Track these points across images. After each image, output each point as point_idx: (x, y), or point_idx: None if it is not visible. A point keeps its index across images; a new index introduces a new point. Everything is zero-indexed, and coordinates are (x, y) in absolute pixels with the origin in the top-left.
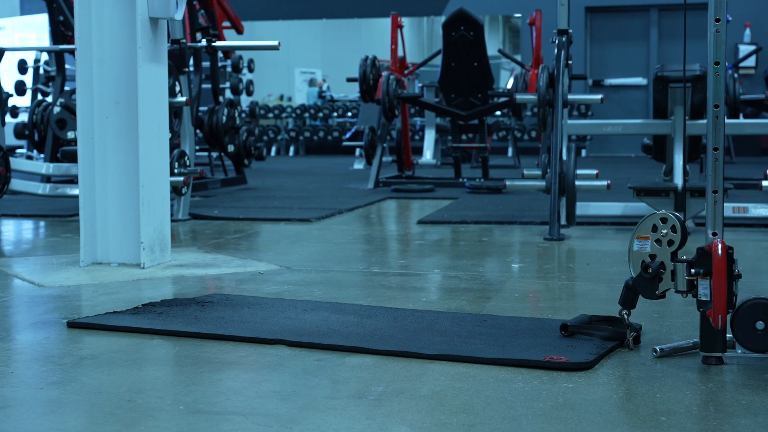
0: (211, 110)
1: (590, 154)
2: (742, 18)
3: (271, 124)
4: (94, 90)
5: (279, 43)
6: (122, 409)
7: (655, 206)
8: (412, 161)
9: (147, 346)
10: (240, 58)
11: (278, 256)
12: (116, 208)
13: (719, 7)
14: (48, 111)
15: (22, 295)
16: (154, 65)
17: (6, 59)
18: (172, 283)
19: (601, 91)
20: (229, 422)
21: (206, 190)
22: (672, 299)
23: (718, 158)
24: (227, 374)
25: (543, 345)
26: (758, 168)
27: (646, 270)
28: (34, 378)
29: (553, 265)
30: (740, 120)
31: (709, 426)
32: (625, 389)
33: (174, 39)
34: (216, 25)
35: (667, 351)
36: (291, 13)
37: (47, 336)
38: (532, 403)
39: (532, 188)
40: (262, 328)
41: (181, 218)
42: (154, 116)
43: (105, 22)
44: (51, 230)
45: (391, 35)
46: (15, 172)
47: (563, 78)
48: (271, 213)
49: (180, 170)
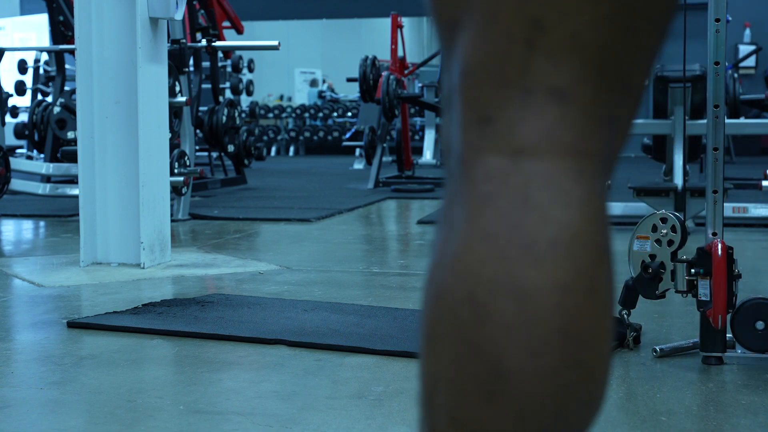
0: (211, 110)
1: None
2: (742, 18)
3: (271, 124)
4: (94, 90)
5: (279, 43)
6: (122, 409)
7: (655, 206)
8: (412, 161)
9: (147, 346)
10: (240, 58)
11: (278, 256)
12: (116, 208)
13: (719, 7)
14: (48, 111)
15: (22, 295)
16: (154, 65)
17: (6, 59)
18: (172, 283)
19: None
20: (229, 422)
21: (206, 190)
22: (672, 299)
23: (718, 158)
24: (227, 374)
25: None
26: (758, 168)
27: (646, 270)
28: (34, 378)
29: None
30: (740, 120)
31: (709, 426)
32: (625, 389)
33: (174, 39)
34: (216, 25)
35: (667, 351)
36: (291, 13)
37: (47, 336)
38: None
39: None
40: (262, 328)
41: (181, 218)
42: (154, 116)
43: (105, 22)
44: (51, 230)
45: (391, 35)
46: (15, 172)
47: None
48: (271, 213)
49: (180, 170)
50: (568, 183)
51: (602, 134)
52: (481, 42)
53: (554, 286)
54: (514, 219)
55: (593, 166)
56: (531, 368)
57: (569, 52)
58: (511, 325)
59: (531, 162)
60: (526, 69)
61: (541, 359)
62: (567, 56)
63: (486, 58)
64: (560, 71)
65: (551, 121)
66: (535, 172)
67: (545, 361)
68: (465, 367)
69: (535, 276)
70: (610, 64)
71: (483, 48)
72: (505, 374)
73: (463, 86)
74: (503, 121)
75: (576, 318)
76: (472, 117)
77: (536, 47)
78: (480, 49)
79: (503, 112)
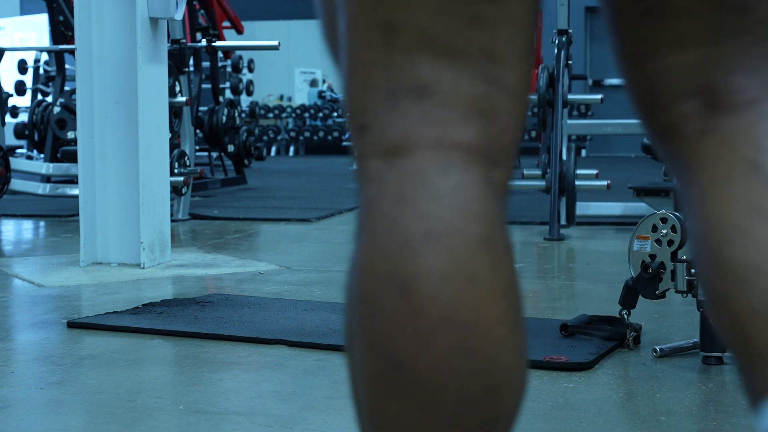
0: (211, 110)
1: (590, 154)
2: None
3: (271, 124)
4: (94, 90)
5: (279, 43)
6: (122, 409)
7: (655, 206)
8: None
9: (147, 346)
10: (240, 58)
11: (278, 256)
12: (116, 208)
13: None
14: (48, 111)
15: (22, 295)
16: (154, 65)
17: (6, 59)
18: (172, 283)
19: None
20: (229, 422)
21: (206, 190)
22: (672, 299)
23: None
24: (227, 374)
25: (543, 345)
26: None
27: (646, 270)
28: (34, 378)
29: (553, 265)
30: None
31: (709, 426)
32: (625, 389)
33: (174, 39)
34: (216, 25)
35: (667, 351)
36: (291, 13)
37: (47, 336)
38: (532, 403)
39: (532, 188)
40: (262, 328)
41: (181, 218)
42: (154, 116)
43: (105, 22)
44: (51, 230)
45: None
46: (15, 172)
47: (563, 78)
48: (271, 213)
49: (180, 170)
50: (435, 177)
51: (471, 126)
52: (349, 55)
53: (431, 276)
54: (392, 216)
55: (464, 158)
56: (422, 358)
57: (422, 48)
58: (398, 318)
59: (402, 161)
60: (388, 72)
61: (430, 348)
62: (421, 52)
63: (356, 69)
64: (417, 68)
65: (414, 119)
66: (406, 170)
67: (434, 350)
68: (369, 363)
69: (414, 268)
70: (465, 55)
71: (352, 60)
72: (400, 366)
73: (345, 100)
74: (376, 126)
75: (458, 306)
76: (355, 127)
77: (393, 49)
78: (350, 62)
79: (375, 117)
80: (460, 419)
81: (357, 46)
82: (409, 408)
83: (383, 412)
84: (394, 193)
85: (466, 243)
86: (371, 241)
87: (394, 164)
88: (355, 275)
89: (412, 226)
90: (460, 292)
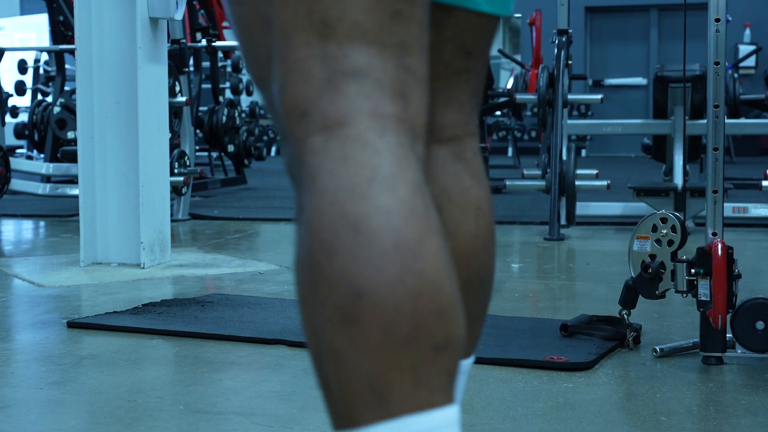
0: (211, 110)
1: (590, 154)
2: (742, 18)
3: (271, 124)
4: (94, 90)
5: None
6: (122, 409)
7: (655, 206)
8: None
9: (147, 346)
10: (240, 58)
11: (278, 256)
12: (116, 208)
13: (719, 7)
14: (48, 111)
15: (22, 295)
16: (154, 65)
17: (6, 59)
18: (172, 283)
19: (601, 91)
20: (229, 422)
21: (206, 190)
22: (672, 299)
23: (718, 158)
24: (227, 374)
25: (543, 345)
26: (758, 168)
27: (646, 270)
28: (34, 378)
29: (553, 265)
30: (740, 120)
31: (709, 426)
32: (625, 389)
33: (174, 39)
34: (216, 25)
35: (667, 351)
36: None
37: (47, 336)
38: (532, 403)
39: (532, 188)
40: (262, 328)
41: (181, 218)
42: (154, 116)
43: (105, 22)
44: (51, 230)
45: None
46: (15, 172)
47: (563, 78)
48: (271, 213)
49: (180, 170)
50: (375, 137)
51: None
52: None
53: (379, 211)
54: (338, 173)
55: (396, 126)
56: (379, 281)
57: (354, 39)
58: (354, 251)
59: (343, 129)
60: (325, 63)
61: (384, 272)
62: (354, 43)
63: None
64: (352, 57)
65: (352, 95)
66: (347, 135)
67: (388, 273)
68: (330, 301)
69: (363, 206)
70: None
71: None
72: (360, 293)
73: (281, 97)
74: (317, 109)
75: (405, 234)
76: (294, 116)
77: (329, 43)
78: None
79: (315, 102)
80: (414, 341)
81: (293, 47)
82: (371, 332)
83: (345, 341)
84: (338, 155)
85: (405, 185)
86: (320, 198)
87: (336, 133)
88: (307, 233)
89: (358, 176)
90: (405, 222)
